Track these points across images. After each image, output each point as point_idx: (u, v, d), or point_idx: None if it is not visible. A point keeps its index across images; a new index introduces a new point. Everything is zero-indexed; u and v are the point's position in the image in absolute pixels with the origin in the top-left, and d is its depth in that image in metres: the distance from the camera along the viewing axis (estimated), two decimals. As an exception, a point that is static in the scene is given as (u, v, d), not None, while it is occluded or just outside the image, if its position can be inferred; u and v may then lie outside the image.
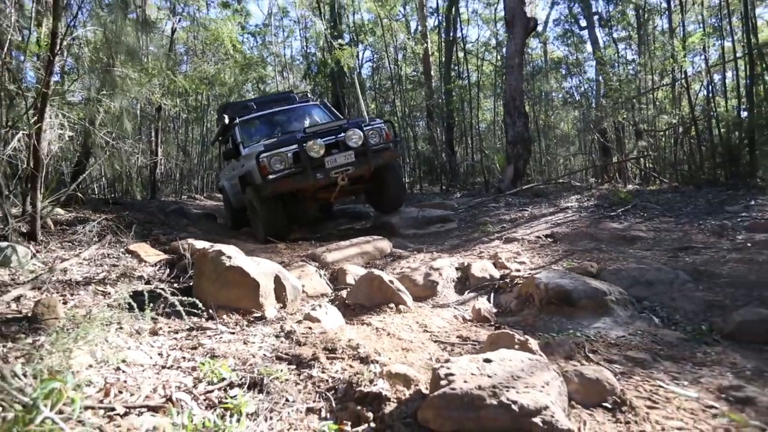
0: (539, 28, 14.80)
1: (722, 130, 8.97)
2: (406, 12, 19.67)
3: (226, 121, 7.48)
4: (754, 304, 2.74)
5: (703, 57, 11.99)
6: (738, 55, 9.99)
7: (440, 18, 17.51)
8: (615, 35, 16.79)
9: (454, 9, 16.35)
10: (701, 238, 4.40)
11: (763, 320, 2.43)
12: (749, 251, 3.77)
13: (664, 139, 11.28)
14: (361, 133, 5.77)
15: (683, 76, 10.74)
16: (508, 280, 3.39)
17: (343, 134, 5.76)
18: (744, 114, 9.04)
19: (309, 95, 9.49)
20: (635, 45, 16.28)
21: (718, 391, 1.81)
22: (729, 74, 11.53)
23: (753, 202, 5.66)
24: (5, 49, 5.24)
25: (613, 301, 2.82)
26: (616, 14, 16.21)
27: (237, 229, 7.61)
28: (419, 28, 17.65)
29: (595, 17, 16.38)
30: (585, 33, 17.20)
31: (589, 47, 17.01)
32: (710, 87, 10.57)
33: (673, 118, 10.76)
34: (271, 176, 5.43)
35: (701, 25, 12.50)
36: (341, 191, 6.17)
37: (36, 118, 4.35)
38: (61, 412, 1.39)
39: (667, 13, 13.88)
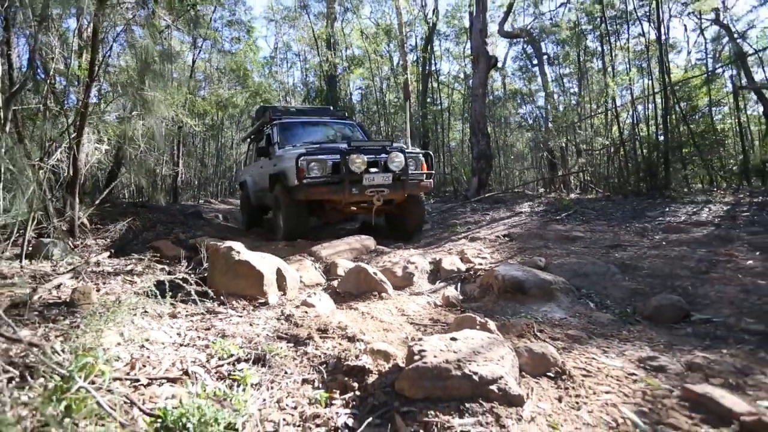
0: (499, 64, 14.93)
1: (644, 150, 9.18)
2: (390, 48, 19.72)
3: (267, 118, 6.43)
4: (667, 291, 2.80)
5: (629, 91, 12.25)
6: (656, 90, 10.23)
7: (418, 54, 17.62)
8: (560, 71, 17.09)
9: (429, 47, 16.47)
10: (627, 238, 4.46)
11: (673, 304, 2.49)
12: (664, 248, 3.84)
13: (599, 156, 11.48)
14: (403, 158, 4.89)
15: (614, 106, 10.98)
16: (472, 273, 3.39)
17: (385, 155, 4.88)
18: (661, 138, 9.26)
19: (346, 113, 8.47)
20: (576, 80, 16.57)
21: (638, 362, 1.85)
22: (650, 106, 11.80)
23: (667, 209, 5.79)
24: (50, 74, 5.14)
25: (558, 290, 2.84)
26: (561, 54, 16.50)
27: (250, 228, 6.90)
28: (401, 62, 17.72)
29: (545, 57, 16.64)
30: (536, 69, 17.45)
31: (539, 81, 17.25)
32: (635, 115, 10.80)
33: (606, 140, 10.97)
34: (306, 181, 4.56)
35: (628, 66, 12.79)
36: (366, 209, 5.19)
37: (75, 134, 4.26)
38: (93, 382, 1.36)
39: (601, 55, 14.16)
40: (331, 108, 7.99)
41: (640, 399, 1.53)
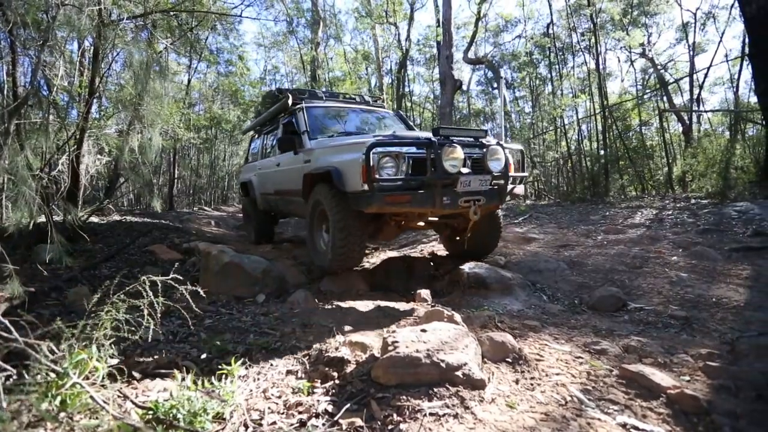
0: (464, 87, 15.23)
1: (588, 162, 9.49)
2: (368, 72, 19.79)
3: (290, 101, 4.27)
4: (608, 284, 2.89)
5: (575, 112, 12.70)
6: (596, 111, 10.64)
7: (393, 77, 17.76)
8: (517, 94, 17.57)
9: (403, 71, 16.61)
10: (575, 239, 4.56)
11: (613, 295, 2.57)
12: (605, 247, 3.95)
13: (550, 167, 11.81)
14: (505, 155, 3.08)
15: (562, 124, 11.33)
16: (441, 270, 3.40)
17: (481, 150, 2.99)
18: (601, 152, 9.61)
19: (380, 99, 6.18)
20: (531, 101, 17.06)
21: (584, 346, 1.88)
22: (591, 125, 12.24)
23: (607, 213, 5.97)
24: (53, 91, 4.91)
25: (516, 285, 2.88)
26: (517, 79, 16.98)
27: (260, 241, 5.05)
28: (377, 83, 17.82)
29: (503, 81, 17.05)
30: (496, 92, 17.84)
31: (499, 102, 17.66)
32: (580, 133, 11.19)
33: (556, 154, 11.30)
34: (380, 184, 2.65)
35: (573, 90, 13.26)
36: (443, 226, 3.63)
37: (75, 146, 4.08)
38: (87, 378, 1.29)
39: (551, 81, 14.65)
40: (364, 95, 5.57)
41: (586, 379, 1.55)
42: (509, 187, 3.10)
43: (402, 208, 2.78)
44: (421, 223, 3.53)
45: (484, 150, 2.96)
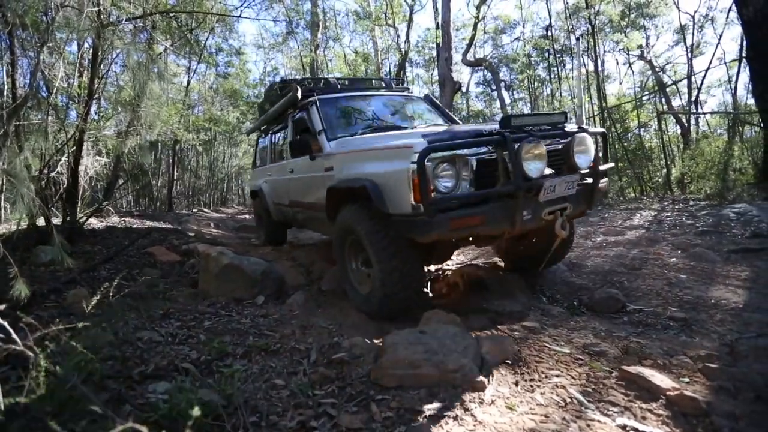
0: (463, 89, 15.28)
1: (587, 164, 9.47)
2: (367, 73, 19.84)
3: (298, 94, 3.41)
4: (607, 285, 2.88)
5: (573, 114, 12.72)
6: (595, 113, 10.67)
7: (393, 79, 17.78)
8: (515, 95, 17.62)
9: (402, 72, 16.64)
10: (574, 240, 4.54)
11: (612, 297, 2.56)
12: (604, 249, 3.95)
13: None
14: (593, 144, 2.45)
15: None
16: (441, 272, 3.40)
17: (564, 141, 2.32)
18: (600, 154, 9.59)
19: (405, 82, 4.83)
20: (530, 103, 17.10)
21: (583, 348, 1.88)
22: (590, 126, 12.29)
23: (607, 215, 5.97)
24: (52, 92, 4.91)
25: (515, 286, 2.84)
26: (516, 81, 17.03)
27: (270, 243, 4.68)
28: (377, 86, 17.83)
29: (502, 83, 17.13)
30: (495, 93, 17.92)
31: (498, 103, 17.75)
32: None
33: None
34: (438, 204, 1.92)
35: (571, 93, 13.31)
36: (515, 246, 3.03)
37: (75, 147, 4.08)
38: (86, 380, 1.29)
39: (549, 83, 14.70)
40: (389, 80, 4.57)
41: (585, 380, 1.56)
42: (600, 184, 2.42)
43: (473, 231, 2.03)
44: (490, 242, 2.72)
45: (569, 140, 2.24)
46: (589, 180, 2.37)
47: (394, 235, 2.13)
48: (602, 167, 2.48)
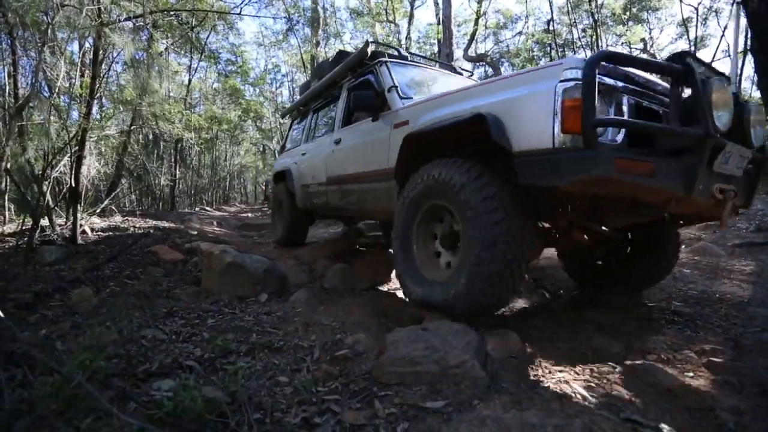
0: (464, 86, 15.14)
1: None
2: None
3: (369, 49, 3.06)
4: (611, 281, 2.86)
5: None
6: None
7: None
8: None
9: (403, 70, 16.60)
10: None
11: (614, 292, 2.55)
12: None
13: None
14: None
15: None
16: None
17: (738, 107, 1.69)
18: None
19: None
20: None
21: (587, 342, 1.87)
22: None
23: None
24: (54, 92, 4.93)
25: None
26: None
27: (289, 243, 4.29)
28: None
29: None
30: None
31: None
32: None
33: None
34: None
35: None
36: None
37: (77, 147, 4.09)
38: (91, 378, 1.30)
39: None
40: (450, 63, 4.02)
41: (589, 376, 1.55)
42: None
43: (632, 183, 1.43)
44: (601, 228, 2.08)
45: (744, 106, 1.74)
46: (752, 166, 1.80)
47: (509, 192, 1.66)
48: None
